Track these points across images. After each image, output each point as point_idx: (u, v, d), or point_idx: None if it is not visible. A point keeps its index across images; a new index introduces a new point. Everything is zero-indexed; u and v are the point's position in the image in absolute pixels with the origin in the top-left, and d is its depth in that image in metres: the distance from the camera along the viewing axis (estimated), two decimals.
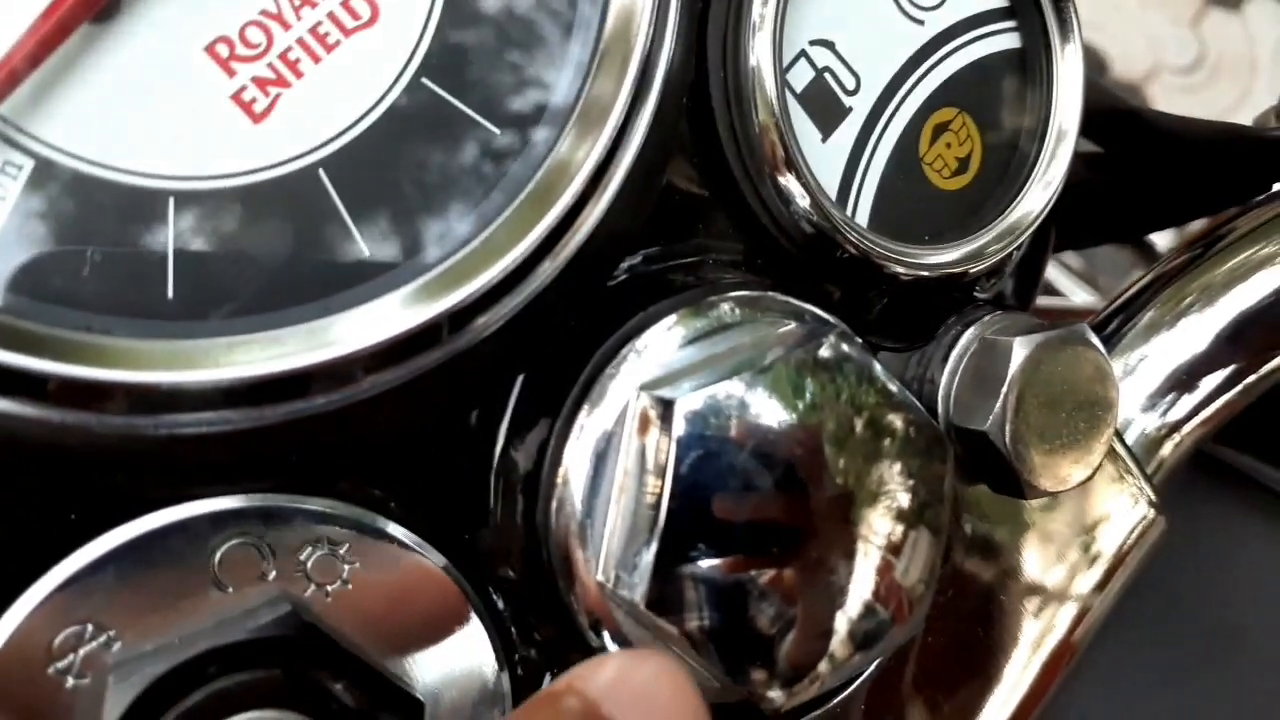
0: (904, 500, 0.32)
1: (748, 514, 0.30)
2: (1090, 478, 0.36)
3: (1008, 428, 0.34)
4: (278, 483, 0.30)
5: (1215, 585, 0.61)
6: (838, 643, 0.32)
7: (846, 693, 0.39)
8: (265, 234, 0.29)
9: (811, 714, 0.38)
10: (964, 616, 0.41)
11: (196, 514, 0.29)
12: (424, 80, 0.31)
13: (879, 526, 0.32)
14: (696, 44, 0.34)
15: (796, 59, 0.36)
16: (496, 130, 0.32)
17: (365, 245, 0.30)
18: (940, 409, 0.36)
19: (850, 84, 0.37)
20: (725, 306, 0.33)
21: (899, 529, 0.32)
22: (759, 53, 0.34)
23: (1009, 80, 0.40)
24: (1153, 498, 0.41)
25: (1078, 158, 0.54)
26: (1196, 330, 0.40)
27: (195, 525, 0.29)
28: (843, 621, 0.32)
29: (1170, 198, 0.49)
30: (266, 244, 0.29)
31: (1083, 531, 0.41)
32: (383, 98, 0.31)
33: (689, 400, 0.28)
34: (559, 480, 0.31)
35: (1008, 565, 0.41)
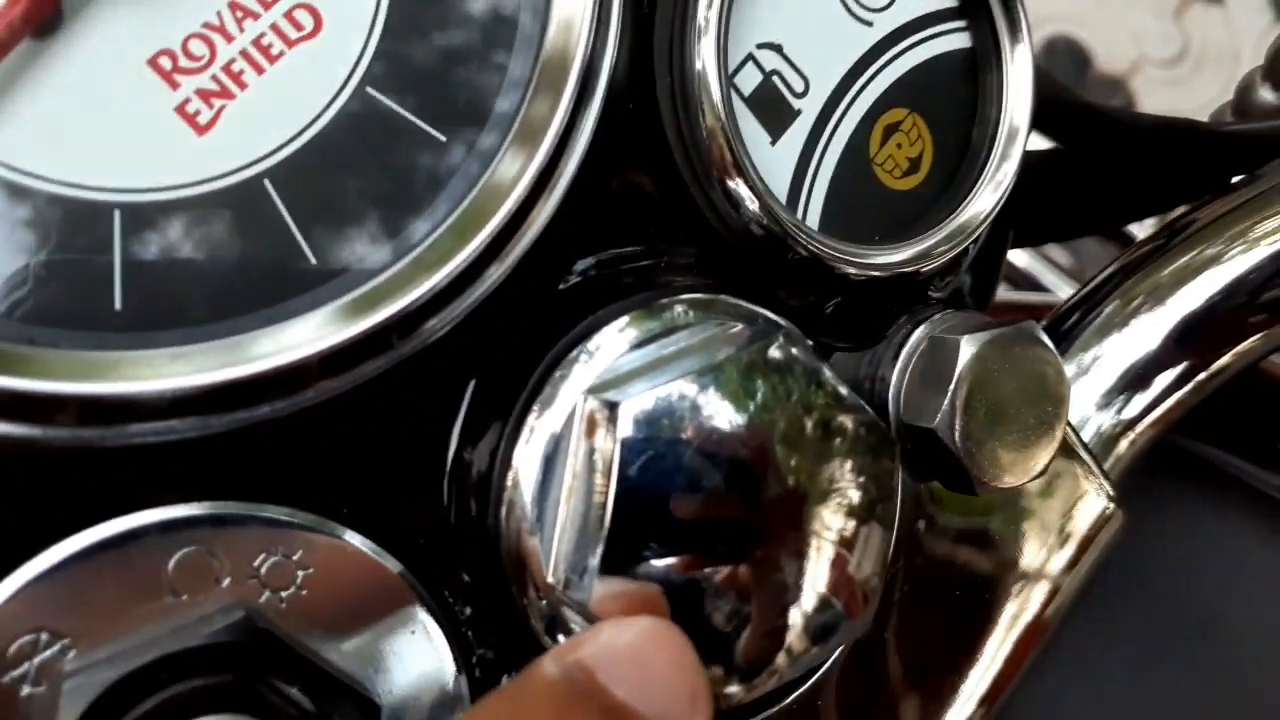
0: (854, 496, 0.33)
1: (696, 514, 0.30)
2: (1041, 474, 0.36)
3: (956, 425, 0.34)
4: (230, 490, 0.31)
5: (1186, 578, 0.61)
6: (794, 637, 0.33)
7: (810, 684, 0.40)
8: (211, 245, 0.30)
9: (773, 707, 0.39)
10: (935, 602, 0.42)
11: (148, 522, 0.29)
12: (369, 89, 0.32)
13: (830, 522, 0.33)
14: (642, 49, 0.35)
15: (744, 62, 0.37)
16: (442, 138, 0.32)
17: (311, 254, 0.31)
18: (890, 408, 0.36)
19: (799, 86, 0.38)
20: (677, 309, 0.34)
21: (850, 524, 0.33)
22: (704, 57, 0.34)
23: (959, 80, 0.40)
24: (1110, 492, 0.41)
25: (1035, 155, 0.55)
26: (1147, 329, 0.40)
27: (147, 533, 0.29)
28: (797, 616, 0.33)
29: (1128, 193, 0.50)
30: (213, 255, 0.29)
31: (1045, 523, 0.41)
32: (327, 107, 0.31)
33: (634, 403, 0.29)
34: (509, 483, 0.31)
35: (977, 553, 0.41)
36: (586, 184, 0.33)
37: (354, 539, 0.32)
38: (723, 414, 0.29)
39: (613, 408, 0.29)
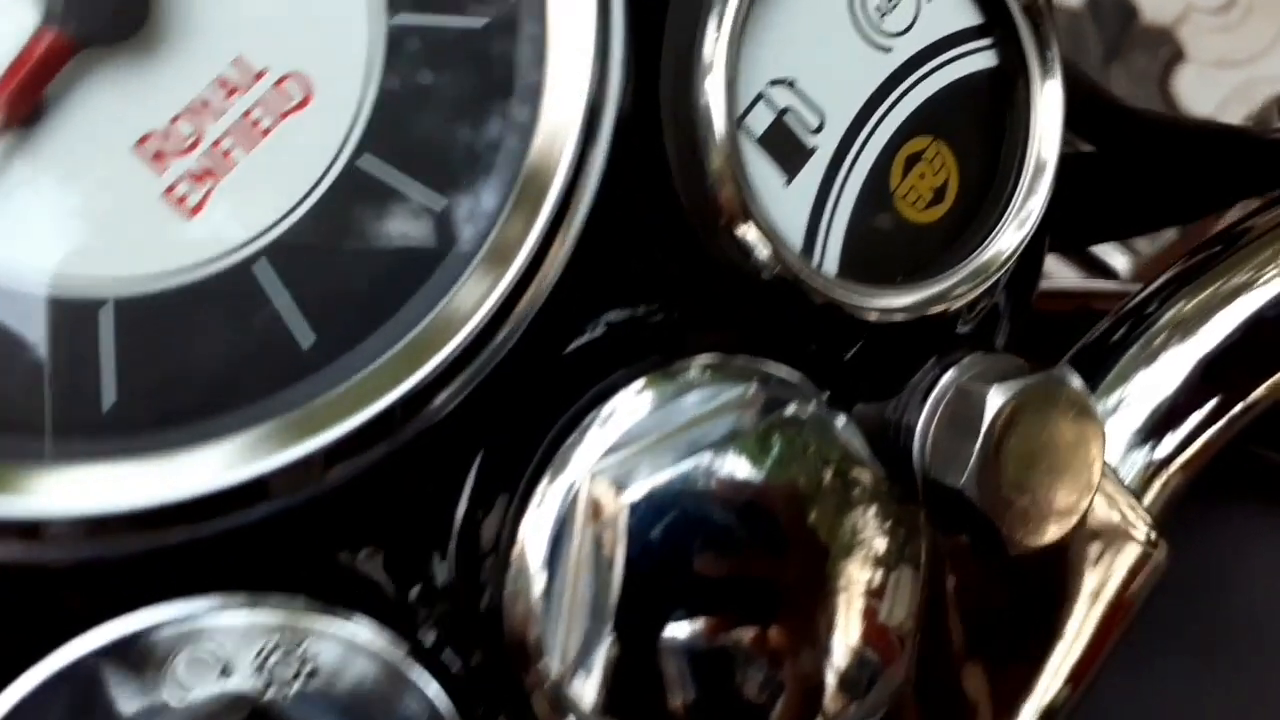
0: (878, 548, 0.32)
1: (711, 595, 0.29)
2: (1077, 528, 0.35)
3: (984, 483, 0.33)
4: (237, 580, 0.30)
5: (1233, 585, 0.59)
6: (831, 697, 0.32)
7: None
8: (205, 335, 0.29)
9: None
10: (1011, 578, 0.40)
11: (150, 624, 0.28)
12: (363, 158, 0.30)
13: (854, 577, 0.32)
14: (648, 90, 0.33)
15: (755, 101, 0.35)
16: (441, 202, 0.31)
17: (308, 337, 0.30)
18: (915, 459, 0.35)
19: (813, 122, 0.36)
20: (692, 372, 0.33)
21: (875, 575, 0.32)
22: (710, 97, 0.32)
23: (986, 102, 0.38)
24: (1153, 534, 0.39)
25: (1071, 158, 0.52)
26: (1174, 365, 0.38)
27: (153, 631, 0.29)
28: (832, 674, 0.32)
29: (1164, 197, 0.47)
30: (207, 346, 0.29)
31: (1084, 572, 0.40)
32: (320, 179, 0.30)
33: (637, 490, 0.28)
34: (514, 561, 0.30)
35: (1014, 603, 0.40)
36: (593, 241, 0.32)
37: (361, 624, 0.31)
38: (732, 494, 0.28)
39: (619, 490, 0.28)
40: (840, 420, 0.34)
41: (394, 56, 0.30)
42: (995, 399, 0.33)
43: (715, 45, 0.33)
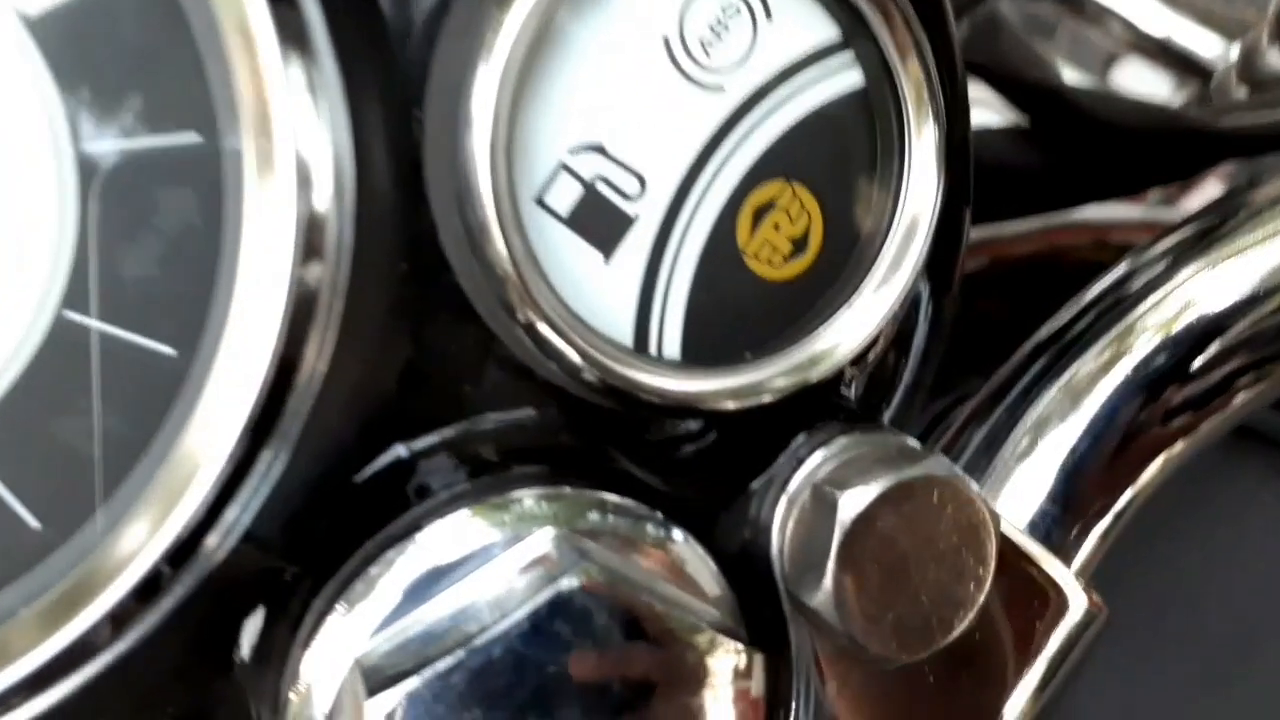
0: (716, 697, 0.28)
1: None
2: (968, 629, 0.30)
3: (839, 605, 0.28)
4: None
5: (1234, 579, 0.54)
6: None
7: None
8: None
9: None
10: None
11: None
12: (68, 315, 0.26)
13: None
14: (417, 191, 0.29)
15: (553, 176, 0.30)
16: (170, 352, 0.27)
17: (33, 519, 0.26)
18: (775, 570, 0.30)
19: (632, 188, 0.31)
20: (518, 504, 0.28)
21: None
22: (480, 190, 0.28)
23: (851, 128, 0.33)
24: (1083, 595, 0.35)
25: (1002, 133, 0.47)
26: (1096, 398, 0.33)
27: None
28: None
29: (1096, 176, 0.41)
30: None
31: (1006, 641, 0.35)
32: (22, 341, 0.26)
33: (383, 701, 0.24)
34: (292, 707, 0.27)
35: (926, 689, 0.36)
36: (359, 354, 0.28)
37: None
38: (500, 692, 0.24)
39: (371, 688, 0.24)
40: (678, 539, 0.29)
41: (89, 190, 0.25)
42: (848, 508, 0.28)
43: (481, 109, 0.28)
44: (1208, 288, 0.33)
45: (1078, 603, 0.35)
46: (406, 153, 0.28)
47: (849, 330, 0.30)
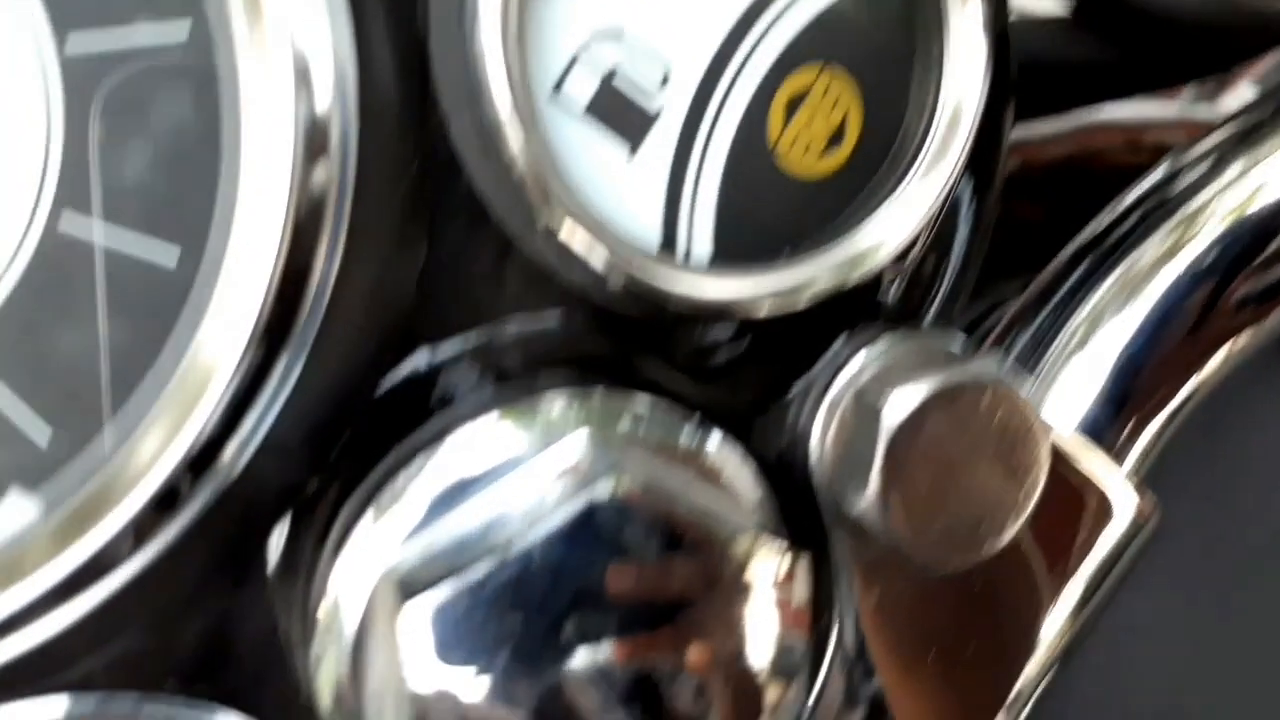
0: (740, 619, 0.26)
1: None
2: (1015, 536, 0.29)
3: (886, 511, 0.27)
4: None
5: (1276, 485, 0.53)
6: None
7: None
8: None
9: None
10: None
11: None
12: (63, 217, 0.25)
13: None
14: (424, 85, 0.27)
15: (570, 66, 0.28)
16: (174, 251, 0.25)
17: (43, 434, 0.25)
18: (815, 479, 0.29)
19: (655, 76, 0.29)
20: (547, 408, 0.27)
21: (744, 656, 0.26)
22: (492, 84, 0.26)
23: (891, 3, 0.31)
24: (1136, 496, 0.33)
25: (1042, 23, 0.44)
26: (1150, 294, 0.31)
27: None
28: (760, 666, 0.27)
29: (1138, 71, 0.39)
30: None
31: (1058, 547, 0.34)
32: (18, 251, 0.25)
33: (415, 610, 0.23)
34: (322, 624, 0.26)
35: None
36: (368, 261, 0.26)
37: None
38: (538, 593, 0.23)
39: (402, 601, 0.23)
40: (714, 443, 0.28)
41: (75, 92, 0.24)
42: (891, 415, 0.27)
43: (492, 11, 0.26)
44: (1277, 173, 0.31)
45: (1128, 504, 0.34)
46: (411, 44, 0.27)
47: (892, 226, 0.29)
